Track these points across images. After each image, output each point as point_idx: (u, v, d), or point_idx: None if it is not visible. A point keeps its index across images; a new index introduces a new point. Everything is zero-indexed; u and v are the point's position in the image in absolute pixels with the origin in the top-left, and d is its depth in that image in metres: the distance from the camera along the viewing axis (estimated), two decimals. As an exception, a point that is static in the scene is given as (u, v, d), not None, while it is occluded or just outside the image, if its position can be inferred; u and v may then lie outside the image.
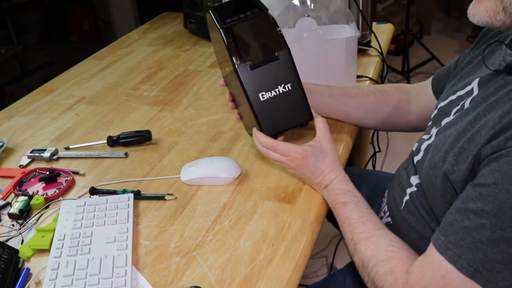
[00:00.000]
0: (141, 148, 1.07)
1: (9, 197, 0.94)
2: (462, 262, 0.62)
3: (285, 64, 0.89)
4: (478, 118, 0.68)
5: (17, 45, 3.27)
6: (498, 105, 0.66)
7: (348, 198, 0.84)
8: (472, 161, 0.65)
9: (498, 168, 0.60)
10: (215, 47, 1.02)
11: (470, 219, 0.62)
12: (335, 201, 0.84)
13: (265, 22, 0.89)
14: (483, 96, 0.71)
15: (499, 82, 0.70)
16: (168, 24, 1.86)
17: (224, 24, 0.88)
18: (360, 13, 1.35)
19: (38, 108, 1.29)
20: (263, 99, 0.89)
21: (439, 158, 0.72)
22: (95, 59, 1.58)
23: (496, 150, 0.61)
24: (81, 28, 4.12)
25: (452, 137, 0.71)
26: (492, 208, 0.60)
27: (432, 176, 0.75)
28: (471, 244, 0.62)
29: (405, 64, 3.08)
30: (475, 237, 0.61)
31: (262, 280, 0.72)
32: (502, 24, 0.66)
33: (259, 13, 0.89)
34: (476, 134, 0.66)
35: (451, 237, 0.64)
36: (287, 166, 0.88)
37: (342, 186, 0.86)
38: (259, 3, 0.91)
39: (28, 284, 0.74)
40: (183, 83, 1.36)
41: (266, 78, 0.89)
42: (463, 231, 0.63)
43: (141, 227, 0.84)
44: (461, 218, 0.63)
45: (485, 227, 0.60)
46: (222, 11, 0.91)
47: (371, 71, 1.33)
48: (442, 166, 0.71)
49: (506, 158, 0.60)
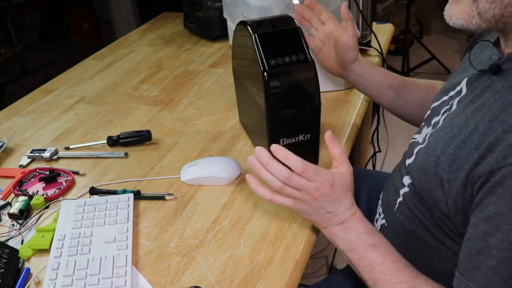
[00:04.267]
0: (141, 148, 1.07)
1: (9, 197, 0.94)
2: None
3: (311, 118, 0.91)
4: (467, 122, 0.67)
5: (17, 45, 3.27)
6: (486, 108, 0.65)
7: (377, 239, 0.72)
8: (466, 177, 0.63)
9: (507, 192, 0.58)
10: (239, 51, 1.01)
11: (493, 256, 0.59)
12: (358, 242, 0.72)
13: (308, 73, 0.88)
14: (470, 97, 0.70)
15: (485, 82, 0.69)
16: (168, 24, 1.86)
17: (268, 66, 0.85)
18: (360, 13, 1.35)
19: (38, 108, 1.29)
20: (282, 144, 0.90)
21: (431, 163, 0.71)
22: (95, 59, 1.58)
23: (494, 168, 0.59)
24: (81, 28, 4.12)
25: (443, 141, 0.70)
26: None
27: (424, 181, 0.73)
28: (501, 282, 0.59)
29: (405, 64, 3.08)
30: (503, 274, 0.58)
31: (262, 280, 0.72)
32: (478, 27, 0.65)
33: (306, 61, 0.87)
34: (467, 140, 0.65)
35: (480, 280, 0.60)
36: (304, 198, 0.73)
37: (365, 224, 0.74)
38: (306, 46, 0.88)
39: (28, 284, 0.74)
40: (183, 83, 1.36)
41: (291, 127, 0.90)
42: (489, 272, 0.59)
43: (141, 227, 0.84)
44: (486, 258, 0.60)
45: (510, 260, 0.58)
46: (265, 42, 0.87)
47: (371, 71, 1.33)
48: (435, 171, 0.70)
49: (511, 179, 0.57)
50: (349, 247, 0.73)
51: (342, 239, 0.74)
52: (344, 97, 1.21)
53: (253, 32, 0.88)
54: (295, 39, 0.88)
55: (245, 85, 0.98)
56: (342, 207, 0.74)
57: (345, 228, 0.74)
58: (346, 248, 0.74)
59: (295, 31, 0.89)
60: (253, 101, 0.93)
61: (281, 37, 0.89)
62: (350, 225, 0.74)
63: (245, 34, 0.90)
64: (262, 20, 0.92)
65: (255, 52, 0.86)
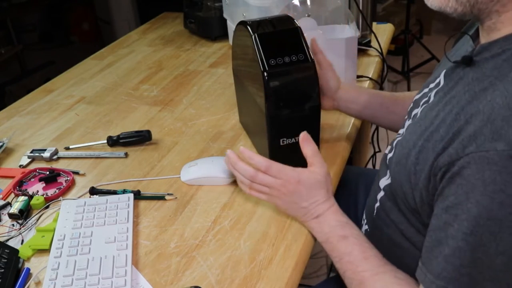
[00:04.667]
0: (141, 148, 1.07)
1: (9, 197, 0.94)
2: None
3: (311, 118, 0.91)
4: (438, 115, 0.67)
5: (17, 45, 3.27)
6: (455, 100, 0.65)
7: (348, 231, 0.77)
8: (430, 169, 0.63)
9: (464, 182, 0.58)
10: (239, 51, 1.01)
11: (448, 245, 0.59)
12: (331, 234, 0.77)
13: (308, 73, 0.88)
14: (445, 90, 0.70)
15: (458, 74, 0.69)
16: (168, 24, 1.86)
17: (268, 66, 0.85)
18: (360, 13, 1.35)
19: (38, 108, 1.29)
20: (282, 144, 0.91)
21: (403, 155, 0.71)
22: (95, 59, 1.58)
23: (454, 158, 0.59)
24: (81, 28, 4.12)
25: (415, 134, 0.70)
26: (467, 226, 0.57)
27: (396, 173, 0.73)
28: (453, 272, 0.59)
29: (405, 64, 3.08)
30: (455, 263, 0.59)
31: (262, 280, 0.72)
32: (454, 11, 0.64)
33: (305, 61, 0.87)
34: (435, 132, 0.65)
35: (435, 271, 0.61)
36: (274, 193, 0.79)
37: (338, 217, 0.79)
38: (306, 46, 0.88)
39: (28, 284, 0.74)
40: (183, 83, 1.36)
41: (291, 127, 0.90)
42: (443, 261, 0.60)
43: (141, 227, 0.84)
44: (443, 248, 0.60)
45: (463, 249, 0.58)
46: (265, 42, 0.87)
47: (371, 71, 1.33)
48: (405, 163, 0.70)
49: (469, 169, 0.57)
50: (323, 239, 0.78)
51: (316, 231, 0.79)
52: (344, 97, 1.20)
53: (253, 32, 0.88)
54: (295, 39, 0.88)
55: (245, 85, 0.98)
56: (314, 203, 0.79)
57: (319, 221, 0.79)
58: (321, 240, 0.79)
59: (295, 31, 0.89)
60: (253, 101, 0.93)
61: (281, 37, 0.89)
62: (324, 219, 0.79)
63: (245, 34, 0.90)
64: (262, 20, 0.92)
65: (255, 52, 0.86)
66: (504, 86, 0.58)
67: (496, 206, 0.55)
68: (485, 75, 0.63)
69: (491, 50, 0.64)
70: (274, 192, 0.79)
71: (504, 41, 0.62)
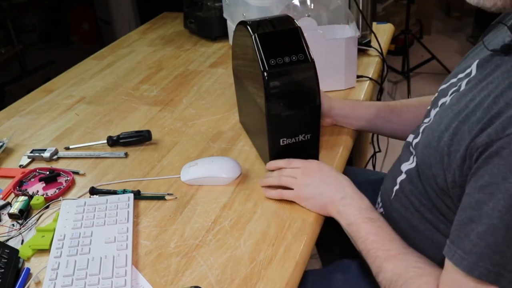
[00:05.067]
0: (141, 148, 1.07)
1: (9, 197, 0.94)
2: (480, 269, 0.60)
3: (312, 118, 0.91)
4: (473, 99, 0.67)
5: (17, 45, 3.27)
6: (493, 86, 0.65)
7: (374, 214, 0.80)
8: (466, 149, 0.64)
9: (502, 162, 0.58)
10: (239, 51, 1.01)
11: (483, 223, 0.60)
12: (358, 216, 0.80)
13: (308, 73, 0.87)
14: (479, 77, 0.71)
15: (495, 63, 0.69)
16: (168, 24, 1.86)
17: (268, 66, 0.85)
18: (360, 13, 1.35)
19: (38, 108, 1.29)
20: (282, 144, 0.91)
21: (434, 138, 0.72)
22: (95, 59, 1.58)
23: (493, 139, 0.59)
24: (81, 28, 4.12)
25: (448, 118, 0.70)
26: (503, 205, 0.57)
27: (426, 155, 0.74)
28: (485, 248, 0.59)
29: (405, 64, 3.08)
30: (489, 240, 0.59)
31: (262, 280, 0.72)
32: (494, 5, 0.65)
33: (305, 61, 0.87)
34: (471, 114, 0.65)
35: (467, 247, 0.61)
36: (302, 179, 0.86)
37: (366, 202, 0.82)
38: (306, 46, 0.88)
39: (28, 284, 0.74)
40: (183, 83, 1.36)
41: (291, 127, 0.90)
42: (476, 238, 0.60)
43: (141, 227, 0.84)
44: (476, 226, 0.61)
45: (498, 227, 0.58)
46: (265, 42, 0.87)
47: (371, 71, 1.33)
48: (437, 146, 0.70)
49: (508, 149, 0.58)
50: (349, 221, 0.80)
51: (345, 213, 0.81)
52: (344, 97, 1.21)
53: (253, 32, 0.87)
54: (295, 39, 0.88)
55: (245, 85, 0.98)
56: (340, 184, 0.85)
57: (348, 204, 0.82)
58: (347, 222, 0.81)
59: (295, 31, 0.89)
60: (253, 101, 0.93)
61: (281, 37, 0.89)
62: (353, 202, 0.82)
63: (245, 34, 0.90)
64: (262, 20, 0.92)
65: (255, 52, 0.86)
66: None
67: None
68: None
69: None
70: (302, 178, 0.86)
71: None
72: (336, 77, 1.22)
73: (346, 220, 0.81)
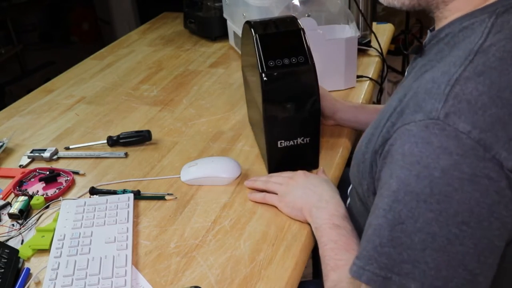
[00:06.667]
0: (141, 148, 1.07)
1: (9, 197, 0.94)
2: (368, 273, 0.56)
3: (311, 121, 0.89)
4: (389, 104, 0.66)
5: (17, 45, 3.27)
6: (403, 88, 0.65)
7: (343, 223, 0.76)
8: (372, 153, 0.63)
9: (391, 159, 0.57)
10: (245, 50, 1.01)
11: (371, 225, 0.57)
12: (326, 221, 0.77)
13: (307, 76, 0.86)
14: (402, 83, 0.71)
15: (412, 65, 0.70)
16: (168, 24, 1.86)
17: (266, 67, 0.85)
18: (360, 13, 1.35)
19: (38, 108, 1.29)
20: (280, 146, 0.90)
21: (358, 149, 0.71)
22: (95, 59, 1.58)
23: (386, 138, 0.59)
24: (81, 28, 4.12)
25: (370, 127, 0.69)
26: (387, 202, 0.55)
27: (353, 166, 0.73)
28: (372, 250, 0.56)
29: (405, 64, 3.08)
30: (375, 241, 0.56)
31: (262, 280, 0.72)
32: (402, 5, 0.65)
33: (305, 64, 0.85)
34: (382, 119, 0.64)
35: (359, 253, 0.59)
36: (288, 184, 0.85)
37: (339, 209, 0.79)
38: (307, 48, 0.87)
39: (28, 284, 0.74)
40: (183, 83, 1.36)
41: (289, 130, 0.89)
42: (365, 241, 0.58)
43: (141, 227, 0.84)
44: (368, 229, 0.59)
45: (382, 227, 0.55)
46: (266, 42, 0.87)
47: (371, 71, 1.33)
48: (357, 155, 0.70)
49: (395, 145, 0.56)
50: (317, 225, 0.78)
51: (315, 217, 0.79)
52: (344, 97, 1.21)
53: (255, 32, 0.87)
54: (297, 41, 0.88)
55: (249, 84, 0.99)
56: (320, 188, 0.83)
57: (321, 207, 0.80)
58: (315, 226, 0.78)
59: (297, 33, 0.88)
60: (255, 101, 0.93)
61: (282, 38, 0.89)
62: (326, 206, 0.80)
63: (249, 34, 0.90)
64: (266, 21, 0.91)
65: (255, 52, 0.86)
66: (439, 66, 0.59)
67: (413, 179, 0.53)
68: (430, 59, 0.64)
69: (438, 36, 0.65)
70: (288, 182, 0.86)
71: (448, 27, 0.63)
72: (336, 77, 1.22)
73: (314, 223, 0.78)
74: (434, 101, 0.54)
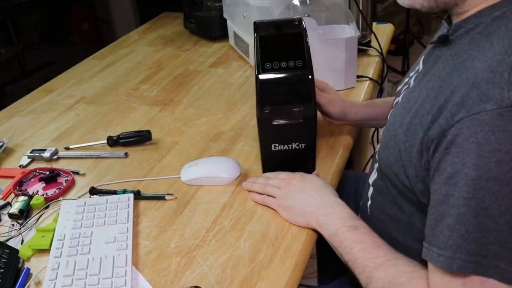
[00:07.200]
0: (141, 148, 1.07)
1: (9, 197, 0.94)
2: (458, 261, 0.58)
3: (306, 127, 0.87)
4: (420, 93, 0.69)
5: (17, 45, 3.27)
6: (436, 76, 0.67)
7: (358, 222, 0.77)
8: (421, 143, 0.64)
9: (459, 150, 0.58)
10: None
11: (451, 214, 0.59)
12: (341, 225, 0.76)
13: (304, 81, 0.83)
14: (424, 71, 0.73)
15: (437, 54, 0.72)
16: (168, 24, 1.86)
17: (262, 69, 0.83)
18: (360, 13, 1.35)
19: (38, 108, 1.29)
20: (274, 149, 0.89)
21: (390, 137, 0.72)
22: (95, 59, 1.58)
23: (445, 128, 0.60)
24: (81, 28, 4.11)
25: (400, 116, 0.71)
26: (467, 190, 0.57)
27: (385, 156, 0.74)
28: (459, 239, 0.58)
29: (405, 64, 3.08)
30: (460, 230, 0.58)
31: (262, 280, 0.72)
32: (422, 7, 0.68)
33: (302, 68, 0.83)
34: (420, 108, 0.66)
35: (440, 243, 0.60)
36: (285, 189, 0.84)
37: (347, 210, 0.79)
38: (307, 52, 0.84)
39: (28, 284, 0.74)
40: (183, 83, 1.36)
41: (284, 134, 0.88)
42: (447, 230, 0.59)
43: (141, 227, 0.84)
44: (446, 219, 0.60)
45: (466, 215, 0.57)
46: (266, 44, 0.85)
47: (371, 71, 1.33)
48: (394, 144, 0.71)
49: (462, 135, 0.58)
50: (331, 232, 0.77)
51: (325, 224, 0.78)
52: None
53: (256, 33, 0.87)
54: (297, 44, 0.86)
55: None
56: (320, 192, 0.83)
57: (328, 213, 0.79)
58: (329, 233, 0.77)
59: (299, 36, 0.86)
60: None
61: (283, 40, 0.87)
62: (333, 210, 0.79)
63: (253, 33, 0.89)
64: (272, 22, 0.90)
65: (254, 53, 0.86)
66: (482, 54, 0.61)
67: (493, 165, 0.56)
68: (463, 49, 0.65)
69: (465, 26, 0.67)
70: (285, 187, 0.85)
71: (475, 17, 0.65)
72: (336, 77, 1.22)
73: (327, 231, 0.78)
74: (501, 90, 0.57)
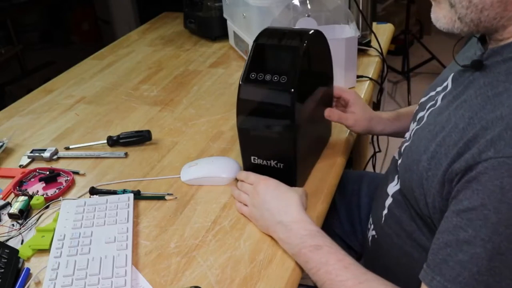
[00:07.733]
0: (141, 148, 1.07)
1: (9, 197, 0.94)
2: None
3: (285, 148, 0.83)
4: (449, 119, 0.66)
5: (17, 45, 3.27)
6: (467, 105, 0.64)
7: (320, 240, 0.72)
8: (444, 174, 0.62)
9: (481, 188, 0.56)
10: None
11: (463, 250, 0.58)
12: (301, 245, 0.72)
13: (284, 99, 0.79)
14: (454, 93, 0.70)
15: (468, 78, 0.69)
16: (168, 24, 1.86)
17: (246, 78, 0.81)
18: (360, 13, 1.35)
19: (38, 108, 1.29)
20: (253, 162, 0.88)
21: (414, 161, 0.70)
22: (95, 59, 1.58)
23: (471, 164, 0.58)
24: (81, 28, 4.11)
25: (426, 139, 0.69)
26: (485, 233, 0.56)
27: (407, 179, 0.72)
28: (469, 278, 0.57)
29: (405, 64, 3.08)
30: (472, 269, 0.57)
31: (262, 280, 0.72)
32: (461, 31, 0.65)
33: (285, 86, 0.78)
34: (447, 137, 0.64)
35: (447, 274, 0.59)
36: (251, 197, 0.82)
37: (308, 226, 0.74)
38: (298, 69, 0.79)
39: (28, 284, 0.74)
40: (183, 83, 1.36)
41: (262, 149, 0.86)
42: (458, 266, 0.58)
43: (141, 227, 0.84)
44: (455, 252, 0.59)
45: (480, 256, 0.56)
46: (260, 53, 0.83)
47: (371, 71, 1.33)
48: (416, 169, 0.69)
49: (487, 175, 0.56)
50: (294, 251, 0.74)
51: (287, 243, 0.75)
52: (344, 97, 1.20)
53: (256, 40, 0.86)
54: (291, 59, 0.81)
55: None
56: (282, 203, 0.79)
57: (288, 231, 0.75)
58: (292, 252, 0.74)
59: (294, 51, 0.81)
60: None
61: (278, 52, 0.84)
62: (293, 227, 0.75)
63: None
64: (280, 30, 0.88)
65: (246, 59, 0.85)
66: None
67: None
68: (498, 80, 0.62)
69: (502, 54, 0.64)
70: (252, 194, 0.83)
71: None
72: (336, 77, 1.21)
73: (290, 250, 0.74)
74: None
